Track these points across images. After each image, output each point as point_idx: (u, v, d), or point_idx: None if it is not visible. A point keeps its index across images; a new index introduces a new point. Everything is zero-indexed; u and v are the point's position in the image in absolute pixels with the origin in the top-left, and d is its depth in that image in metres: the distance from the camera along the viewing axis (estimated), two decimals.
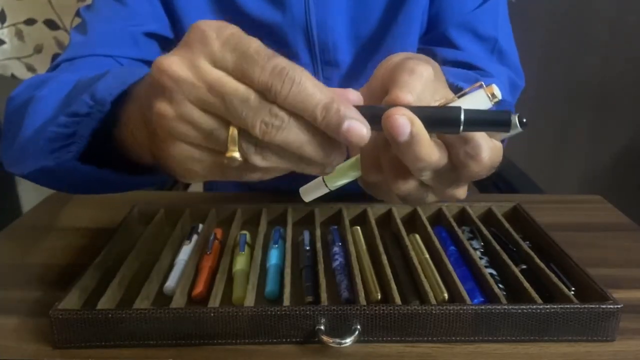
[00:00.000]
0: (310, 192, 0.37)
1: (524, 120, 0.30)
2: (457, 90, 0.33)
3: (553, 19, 1.56)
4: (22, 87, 0.54)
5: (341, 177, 0.35)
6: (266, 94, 0.29)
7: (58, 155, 0.44)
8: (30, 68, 1.37)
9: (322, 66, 0.68)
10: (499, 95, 0.32)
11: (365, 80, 0.72)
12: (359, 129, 0.29)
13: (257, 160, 0.30)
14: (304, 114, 0.29)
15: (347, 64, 0.69)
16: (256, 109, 0.29)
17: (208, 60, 0.29)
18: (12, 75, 1.36)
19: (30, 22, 1.33)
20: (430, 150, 0.31)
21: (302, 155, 0.30)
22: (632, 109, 1.64)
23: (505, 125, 0.29)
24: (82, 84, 0.46)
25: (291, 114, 0.29)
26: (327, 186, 0.36)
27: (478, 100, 0.32)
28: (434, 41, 0.69)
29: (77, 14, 1.31)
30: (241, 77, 0.29)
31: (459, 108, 0.29)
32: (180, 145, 0.31)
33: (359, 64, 0.69)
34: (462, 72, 0.58)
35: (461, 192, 0.36)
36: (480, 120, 0.30)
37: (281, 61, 0.29)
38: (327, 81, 0.69)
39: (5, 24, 1.33)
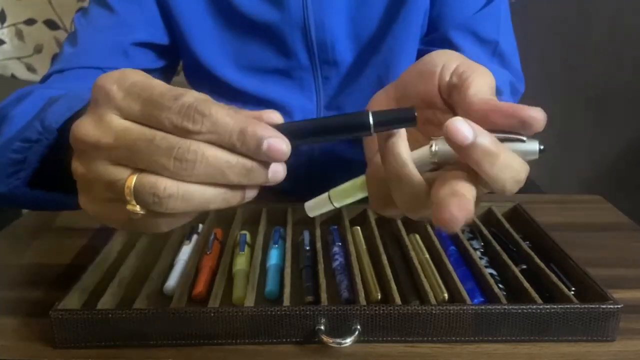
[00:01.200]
0: (315, 209, 0.37)
1: (542, 147, 0.31)
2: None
3: (553, 19, 1.56)
4: (8, 99, 0.54)
5: (348, 197, 0.36)
6: (181, 135, 0.29)
7: (10, 181, 0.45)
8: (30, 68, 1.37)
9: (321, 65, 0.68)
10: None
11: (365, 80, 0.72)
12: (279, 144, 0.29)
13: (159, 208, 0.30)
14: (221, 143, 0.29)
15: (347, 63, 0.69)
16: (165, 149, 0.29)
17: (115, 114, 0.30)
18: (12, 75, 1.36)
19: (30, 22, 1.33)
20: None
21: (225, 182, 0.30)
22: (632, 109, 1.64)
23: (410, 120, 0.29)
24: (44, 107, 0.46)
25: (204, 147, 0.29)
26: (332, 204, 0.36)
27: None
28: (434, 43, 0.69)
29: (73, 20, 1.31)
30: (151, 123, 0.29)
31: (367, 113, 0.30)
32: (91, 200, 0.33)
33: (359, 63, 0.69)
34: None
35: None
36: (388, 120, 0.30)
37: (188, 98, 0.29)
38: (326, 80, 0.69)
39: (5, 24, 1.33)
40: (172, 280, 0.49)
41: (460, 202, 0.28)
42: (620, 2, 1.54)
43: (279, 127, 0.30)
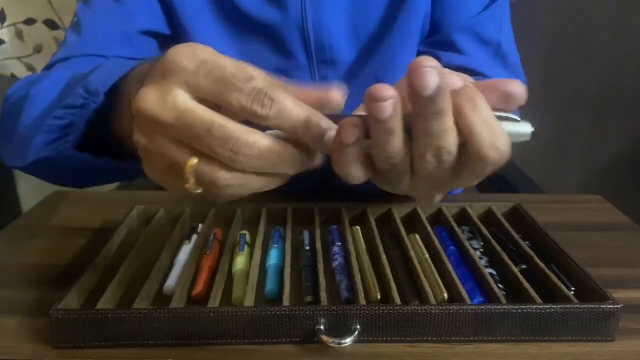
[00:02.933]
0: None
1: (534, 130, 0.31)
2: None
3: (553, 19, 1.56)
4: (18, 85, 0.55)
5: None
6: (249, 117, 0.29)
7: (57, 145, 0.45)
8: (30, 68, 1.37)
9: (319, 65, 0.68)
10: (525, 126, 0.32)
11: (364, 80, 0.72)
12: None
13: (217, 193, 0.31)
14: (284, 130, 0.30)
15: (345, 64, 0.69)
16: (222, 139, 0.29)
17: (183, 90, 0.30)
18: (12, 75, 1.36)
19: (30, 22, 1.33)
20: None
21: (276, 172, 0.31)
22: (632, 109, 1.64)
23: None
24: (76, 79, 0.47)
25: (260, 141, 0.30)
26: None
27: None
28: (437, 45, 0.69)
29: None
30: (220, 101, 0.29)
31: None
32: (153, 170, 0.33)
33: (357, 63, 0.69)
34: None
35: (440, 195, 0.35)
36: None
37: (259, 82, 0.29)
38: (324, 81, 0.69)
39: (5, 24, 1.33)
40: (172, 280, 0.49)
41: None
42: (620, 2, 1.54)
43: (331, 117, 0.30)
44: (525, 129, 0.31)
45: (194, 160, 0.30)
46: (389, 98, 0.28)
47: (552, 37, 1.58)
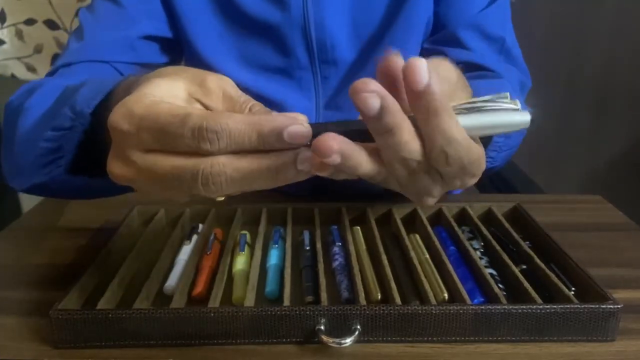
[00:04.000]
0: None
1: (531, 117, 0.31)
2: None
3: (553, 18, 1.56)
4: (17, 93, 0.55)
5: None
6: (205, 154, 0.29)
7: (49, 170, 0.46)
8: (31, 68, 1.37)
9: (320, 65, 0.68)
10: (519, 103, 0.32)
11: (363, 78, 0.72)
12: (297, 129, 0.29)
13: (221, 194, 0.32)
14: (244, 149, 0.30)
15: (346, 63, 0.69)
16: (190, 178, 0.30)
17: (137, 150, 0.31)
18: (12, 75, 1.36)
19: (30, 22, 1.33)
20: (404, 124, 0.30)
21: (259, 187, 0.31)
22: (632, 109, 1.64)
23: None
24: (66, 94, 0.47)
25: (225, 166, 0.30)
26: None
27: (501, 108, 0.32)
28: (442, 41, 0.69)
29: (77, 15, 1.31)
30: (173, 150, 0.30)
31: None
32: (151, 193, 0.34)
33: (359, 62, 0.69)
34: (487, 82, 0.58)
35: (435, 194, 0.35)
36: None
37: (194, 119, 0.29)
38: (325, 80, 0.69)
39: (5, 24, 1.33)
40: (172, 280, 0.49)
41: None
42: (620, 1, 1.54)
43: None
44: (522, 117, 0.31)
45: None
46: (373, 91, 0.28)
47: (551, 37, 1.58)
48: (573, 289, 0.47)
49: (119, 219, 0.58)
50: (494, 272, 0.50)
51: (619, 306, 0.42)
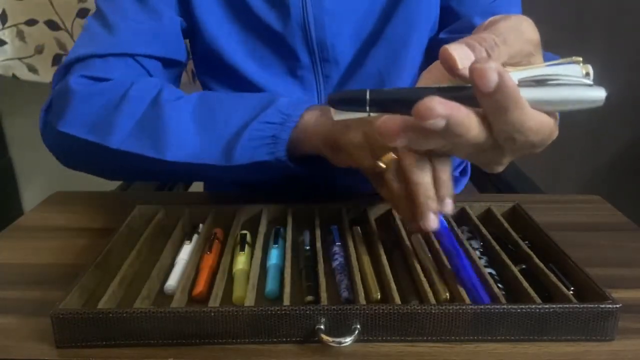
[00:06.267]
0: (343, 113, 0.36)
1: (606, 93, 0.31)
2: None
3: (552, 18, 1.56)
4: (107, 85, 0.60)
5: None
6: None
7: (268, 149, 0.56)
8: (32, 68, 1.37)
9: (322, 64, 0.68)
10: (591, 76, 0.32)
11: (365, 74, 0.72)
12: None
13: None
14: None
15: (347, 61, 0.69)
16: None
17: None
18: (14, 76, 1.36)
19: (31, 22, 1.33)
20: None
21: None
22: (632, 109, 1.64)
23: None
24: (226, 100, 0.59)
25: None
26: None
27: (571, 71, 0.32)
28: (459, 30, 0.69)
29: (78, 15, 1.30)
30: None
31: (365, 91, 0.32)
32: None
33: (360, 59, 0.69)
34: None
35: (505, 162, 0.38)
36: (388, 101, 0.32)
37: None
38: (327, 79, 0.70)
39: (6, 25, 1.33)
40: (172, 280, 0.49)
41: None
42: (620, 1, 1.54)
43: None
44: (598, 93, 0.31)
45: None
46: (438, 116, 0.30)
47: (550, 36, 1.57)
48: (572, 288, 0.47)
49: (119, 219, 0.58)
50: (493, 272, 0.50)
51: (618, 306, 0.42)
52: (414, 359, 0.41)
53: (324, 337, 0.41)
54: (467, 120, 0.31)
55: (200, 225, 0.59)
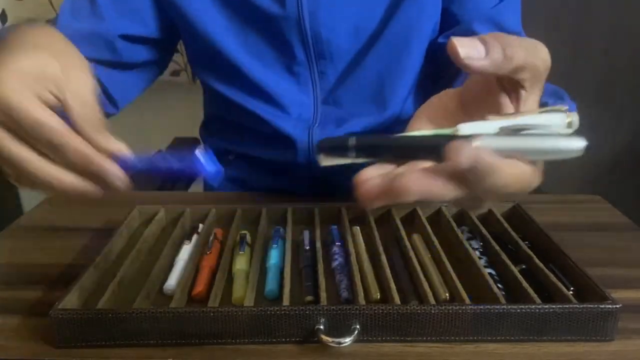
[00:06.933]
0: (330, 159, 0.37)
1: (585, 143, 0.31)
2: (543, 105, 0.34)
3: (552, 17, 1.56)
4: None
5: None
6: None
7: None
8: None
9: (317, 60, 0.68)
10: (575, 125, 0.32)
11: (363, 75, 0.72)
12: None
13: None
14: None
15: (344, 58, 0.68)
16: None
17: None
18: None
19: (31, 22, 1.33)
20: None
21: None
22: (632, 109, 1.64)
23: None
24: None
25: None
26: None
27: (555, 120, 0.32)
28: (458, 36, 0.68)
29: None
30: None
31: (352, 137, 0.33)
32: None
33: (357, 58, 0.68)
34: (550, 86, 0.58)
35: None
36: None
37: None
38: (322, 75, 0.69)
39: (6, 25, 1.33)
40: (172, 280, 0.49)
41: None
42: (621, 0, 1.54)
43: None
44: (577, 143, 0.31)
45: None
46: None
47: (551, 36, 1.57)
48: (572, 288, 0.47)
49: (119, 219, 0.58)
50: (493, 272, 0.50)
51: (617, 306, 0.42)
52: (414, 359, 0.41)
53: (324, 337, 0.41)
54: (442, 193, 0.31)
55: (200, 225, 0.59)
